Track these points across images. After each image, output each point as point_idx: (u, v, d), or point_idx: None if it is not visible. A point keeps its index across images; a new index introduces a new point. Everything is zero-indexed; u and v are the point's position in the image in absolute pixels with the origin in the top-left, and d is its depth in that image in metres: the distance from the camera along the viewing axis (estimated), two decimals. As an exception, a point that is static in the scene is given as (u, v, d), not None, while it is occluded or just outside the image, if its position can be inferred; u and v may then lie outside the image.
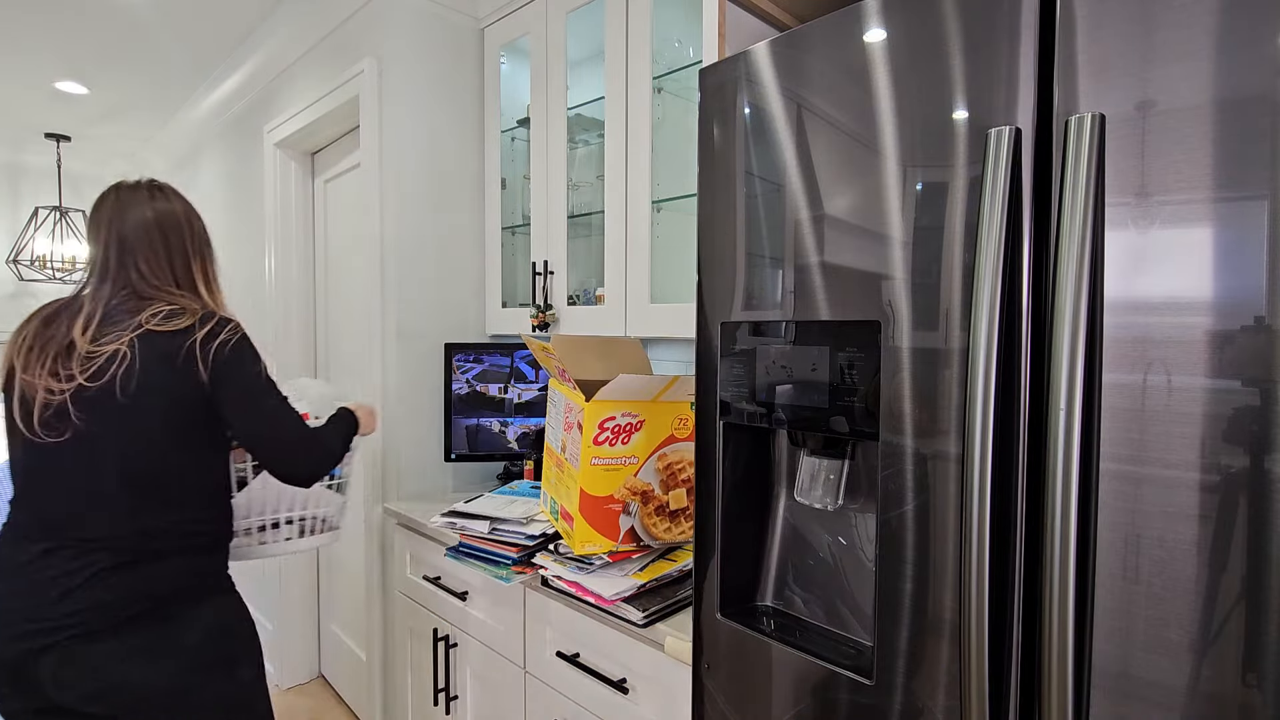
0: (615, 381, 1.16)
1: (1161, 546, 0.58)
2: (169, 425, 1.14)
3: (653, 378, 1.19)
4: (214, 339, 1.15)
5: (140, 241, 1.21)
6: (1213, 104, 0.55)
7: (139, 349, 1.11)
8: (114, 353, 1.11)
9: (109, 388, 1.10)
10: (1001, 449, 0.66)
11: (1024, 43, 0.65)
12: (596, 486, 1.20)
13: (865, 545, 0.92)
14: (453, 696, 1.63)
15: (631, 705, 1.18)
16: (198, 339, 1.14)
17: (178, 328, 1.14)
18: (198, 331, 1.15)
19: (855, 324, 0.79)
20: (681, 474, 1.27)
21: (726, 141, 0.93)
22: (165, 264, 1.23)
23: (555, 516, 1.32)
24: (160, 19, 2.39)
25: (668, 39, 1.67)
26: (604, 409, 1.18)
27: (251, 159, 2.78)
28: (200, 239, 1.29)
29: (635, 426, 1.22)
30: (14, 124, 3.41)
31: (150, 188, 1.28)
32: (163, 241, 1.23)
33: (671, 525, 1.27)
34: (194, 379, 1.14)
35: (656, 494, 1.25)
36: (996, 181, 0.64)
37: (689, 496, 1.28)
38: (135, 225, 1.21)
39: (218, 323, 1.18)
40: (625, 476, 1.22)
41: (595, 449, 1.19)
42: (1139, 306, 0.59)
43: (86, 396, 1.10)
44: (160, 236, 1.23)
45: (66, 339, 1.13)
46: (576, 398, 1.21)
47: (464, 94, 2.08)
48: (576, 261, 1.91)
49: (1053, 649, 0.61)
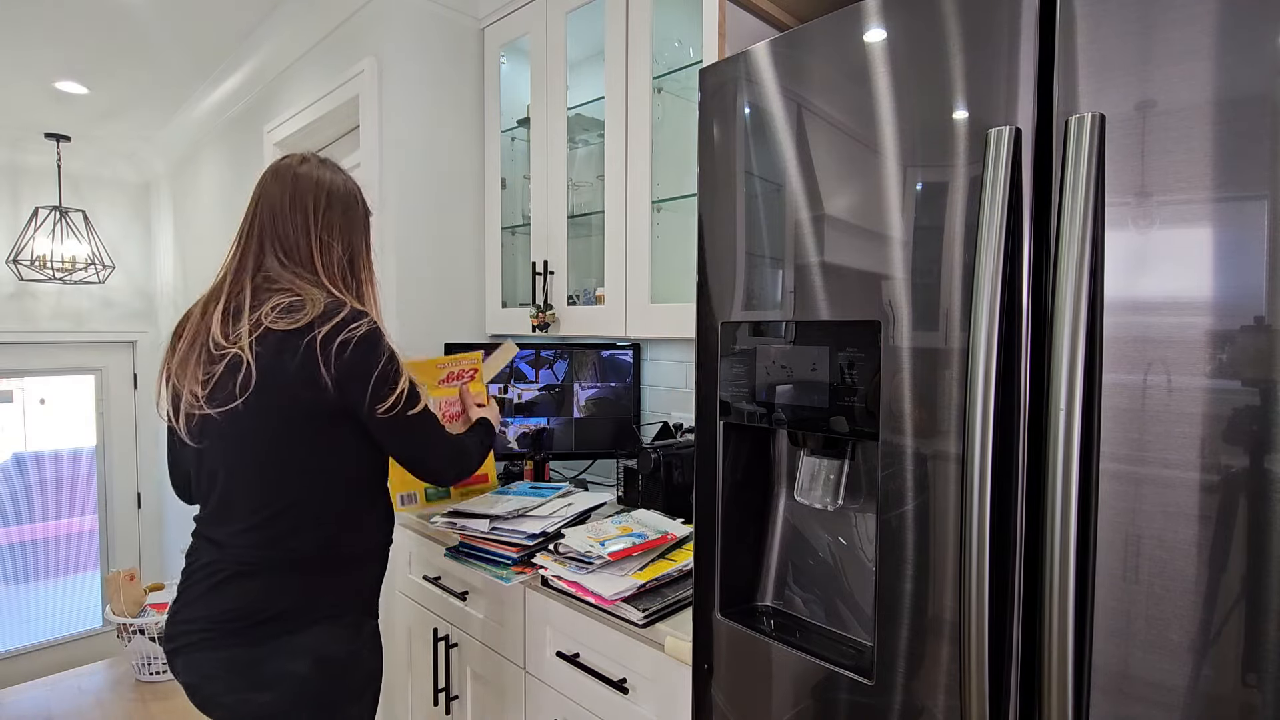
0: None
1: (1161, 546, 0.58)
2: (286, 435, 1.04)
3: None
4: (334, 338, 1.01)
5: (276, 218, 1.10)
6: (1213, 104, 0.55)
7: (255, 351, 1.01)
8: (233, 357, 1.02)
9: (230, 395, 1.02)
10: (1001, 449, 0.66)
11: (1024, 43, 0.65)
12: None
13: (865, 545, 0.92)
14: (453, 696, 1.63)
15: (632, 705, 1.18)
16: (318, 337, 1.01)
17: (295, 326, 1.01)
18: (318, 330, 1.01)
19: (855, 324, 0.79)
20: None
21: (726, 141, 0.93)
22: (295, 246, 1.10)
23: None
24: (160, 19, 2.39)
25: (668, 39, 1.67)
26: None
27: (251, 159, 2.78)
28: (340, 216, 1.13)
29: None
30: (14, 124, 3.41)
31: (298, 158, 1.16)
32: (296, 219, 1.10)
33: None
34: (317, 383, 1.01)
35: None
36: (996, 181, 0.64)
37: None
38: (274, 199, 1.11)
39: (344, 318, 1.03)
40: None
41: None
42: (1139, 306, 0.59)
43: (213, 403, 1.04)
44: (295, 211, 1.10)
45: (208, 335, 1.05)
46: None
47: (464, 94, 2.08)
48: (576, 261, 1.91)
49: (1053, 649, 0.61)
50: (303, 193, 1.12)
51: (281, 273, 1.09)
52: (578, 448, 1.93)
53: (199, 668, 1.03)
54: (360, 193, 1.20)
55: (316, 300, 1.04)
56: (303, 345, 1.01)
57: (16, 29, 2.43)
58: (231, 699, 1.02)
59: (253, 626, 1.02)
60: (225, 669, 1.02)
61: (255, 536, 1.05)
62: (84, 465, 4.09)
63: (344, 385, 1.03)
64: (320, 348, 1.01)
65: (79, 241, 3.65)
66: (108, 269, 3.76)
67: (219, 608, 1.03)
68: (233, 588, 1.03)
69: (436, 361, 1.50)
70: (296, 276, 1.09)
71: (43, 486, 3.99)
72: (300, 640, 1.04)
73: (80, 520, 4.11)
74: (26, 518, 3.95)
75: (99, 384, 4.07)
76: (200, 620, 1.04)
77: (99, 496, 4.11)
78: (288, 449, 1.04)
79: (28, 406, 3.95)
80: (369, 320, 1.06)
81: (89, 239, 3.70)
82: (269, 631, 1.03)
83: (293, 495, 1.05)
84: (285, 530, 1.05)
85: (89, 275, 3.70)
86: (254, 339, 1.02)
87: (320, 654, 1.05)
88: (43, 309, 3.76)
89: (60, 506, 4.05)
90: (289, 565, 1.05)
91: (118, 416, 4.11)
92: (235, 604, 1.03)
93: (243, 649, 1.02)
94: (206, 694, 1.04)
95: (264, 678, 1.02)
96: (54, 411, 4.01)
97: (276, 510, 1.05)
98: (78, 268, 3.61)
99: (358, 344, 1.03)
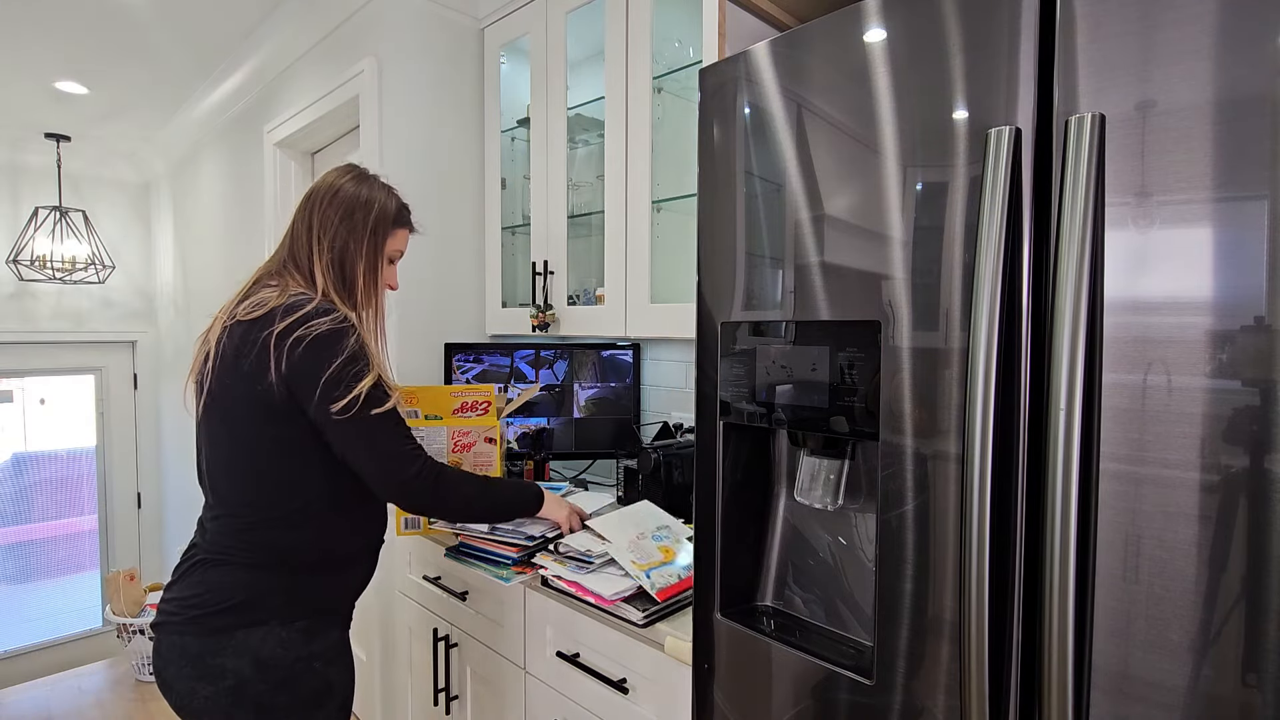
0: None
1: (1161, 546, 0.58)
2: (248, 430, 1.04)
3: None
4: (289, 334, 1.01)
5: (295, 217, 1.16)
6: (1213, 104, 0.55)
7: (222, 342, 1.04)
8: (210, 344, 1.06)
9: (209, 383, 1.06)
10: (1001, 449, 0.66)
11: (1024, 43, 0.65)
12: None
13: (865, 545, 0.92)
14: (453, 696, 1.63)
15: (632, 705, 1.18)
16: (274, 331, 1.01)
17: (256, 316, 1.02)
18: (275, 324, 1.01)
19: (855, 324, 0.79)
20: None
21: (726, 141, 0.93)
22: (300, 245, 1.14)
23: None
24: (160, 19, 2.39)
25: (668, 39, 1.67)
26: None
27: (251, 159, 2.78)
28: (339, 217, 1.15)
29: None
30: (14, 124, 3.41)
31: (344, 168, 1.20)
32: (301, 215, 1.15)
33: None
34: (267, 379, 1.01)
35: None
36: (996, 181, 0.64)
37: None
38: (300, 203, 1.17)
39: (305, 313, 1.02)
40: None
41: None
42: (1139, 306, 0.59)
43: (201, 391, 1.08)
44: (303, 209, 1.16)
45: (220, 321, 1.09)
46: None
47: (464, 94, 2.08)
48: (576, 261, 1.91)
49: (1053, 649, 0.61)
50: (314, 195, 1.17)
51: (282, 270, 1.12)
52: (578, 448, 1.93)
53: (160, 649, 1.06)
54: (382, 206, 1.19)
55: (286, 296, 1.05)
56: (259, 339, 1.01)
57: (16, 29, 2.43)
58: (181, 686, 1.03)
59: (209, 615, 1.02)
60: (179, 654, 1.03)
61: (226, 527, 1.06)
62: (84, 465, 4.09)
63: (292, 384, 1.02)
64: (274, 344, 1.01)
65: (79, 241, 3.65)
66: (108, 269, 3.76)
67: (188, 591, 1.05)
68: (201, 574, 1.05)
69: (450, 390, 1.54)
70: (292, 274, 1.12)
71: (43, 486, 3.99)
72: (246, 638, 1.02)
73: (80, 520, 4.11)
74: (26, 518, 3.95)
75: (99, 384, 4.07)
76: (173, 602, 1.06)
77: (99, 496, 4.11)
78: (252, 443, 1.05)
79: (28, 406, 3.95)
80: (336, 319, 1.04)
81: (89, 239, 3.70)
82: (222, 624, 1.02)
83: (255, 491, 1.05)
84: (248, 525, 1.05)
85: (89, 275, 3.70)
86: (226, 330, 1.04)
87: (260, 655, 1.02)
88: (43, 309, 3.76)
89: (60, 506, 4.05)
90: (249, 560, 1.05)
91: (118, 416, 4.10)
92: (199, 590, 1.04)
93: (194, 638, 1.02)
94: (164, 677, 1.06)
95: (208, 670, 1.02)
96: (54, 411, 4.01)
97: (242, 503, 1.05)
98: (78, 268, 3.61)
99: (311, 343, 1.01)
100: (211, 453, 1.08)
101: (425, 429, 1.52)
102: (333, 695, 1.10)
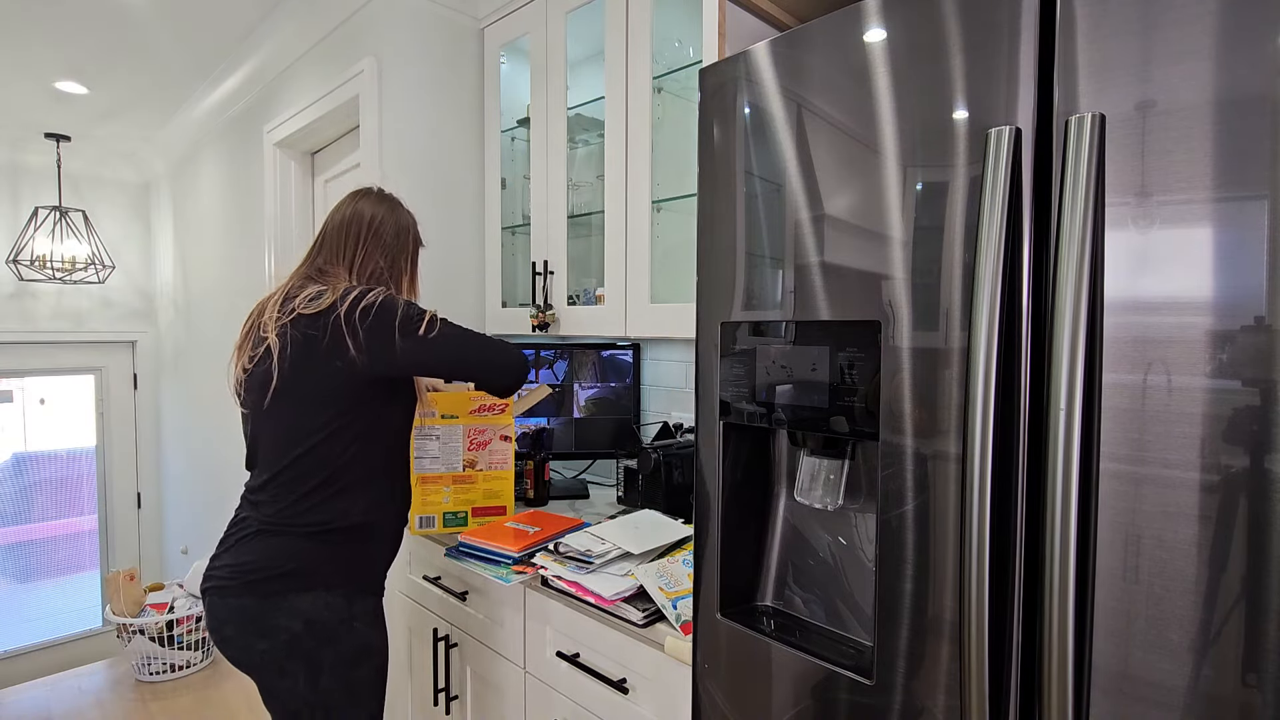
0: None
1: (1161, 546, 0.58)
2: (307, 410, 1.18)
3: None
4: (355, 308, 1.16)
5: (330, 234, 1.32)
6: (1213, 104, 0.55)
7: (289, 334, 1.17)
8: (269, 340, 1.18)
9: (265, 375, 1.18)
10: (1001, 449, 0.66)
11: (1024, 43, 0.65)
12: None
13: (865, 545, 0.92)
14: (453, 696, 1.63)
15: (631, 705, 1.18)
16: (340, 314, 1.16)
17: (320, 308, 1.17)
18: (340, 308, 1.16)
19: (855, 324, 0.79)
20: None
21: (726, 141, 0.93)
22: (341, 254, 1.30)
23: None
24: (160, 19, 2.39)
25: (668, 39, 1.66)
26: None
27: (251, 159, 2.78)
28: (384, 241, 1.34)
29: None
30: (14, 124, 3.40)
31: (363, 191, 1.38)
32: (344, 235, 1.32)
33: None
34: (346, 354, 1.15)
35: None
36: (996, 181, 0.64)
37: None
38: (333, 220, 1.34)
39: (359, 292, 1.18)
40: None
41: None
42: (1139, 306, 0.59)
43: (252, 381, 1.21)
44: (346, 231, 1.32)
45: (260, 319, 1.23)
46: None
47: (464, 94, 2.08)
48: (576, 261, 1.91)
49: (1053, 649, 0.61)
50: (358, 216, 1.34)
51: (324, 272, 1.29)
52: (578, 448, 1.93)
53: (217, 611, 1.19)
54: (414, 227, 1.41)
55: (339, 289, 1.20)
56: (330, 323, 1.15)
57: (16, 29, 2.43)
58: (241, 641, 1.17)
59: (264, 581, 1.16)
60: (237, 615, 1.17)
61: (279, 502, 1.19)
62: (84, 465, 4.09)
63: (370, 346, 1.16)
64: (345, 321, 1.15)
65: (79, 241, 3.65)
66: (107, 269, 3.76)
67: (242, 559, 1.18)
68: (257, 543, 1.18)
69: (469, 394, 1.60)
70: (335, 276, 1.28)
71: (43, 486, 3.99)
72: (298, 602, 1.17)
73: (80, 520, 4.11)
74: (26, 518, 3.95)
75: (99, 384, 4.07)
76: (226, 568, 1.19)
77: (99, 496, 4.10)
78: (308, 423, 1.18)
79: (28, 406, 3.95)
80: (382, 289, 1.21)
81: (89, 239, 3.69)
82: (275, 588, 1.16)
83: (307, 466, 1.18)
84: (299, 497, 1.18)
85: (89, 275, 3.70)
86: (289, 321, 1.18)
87: (310, 616, 1.17)
88: (43, 309, 3.75)
89: (60, 506, 4.05)
90: (300, 531, 1.18)
91: (118, 416, 4.10)
92: (254, 558, 1.17)
93: (252, 600, 1.16)
94: (223, 634, 1.19)
95: (265, 628, 1.16)
96: (54, 411, 4.01)
97: (294, 477, 1.18)
98: (78, 268, 3.61)
99: (378, 306, 1.17)
100: (274, 432, 1.20)
101: (441, 428, 1.60)
102: (371, 657, 1.24)
